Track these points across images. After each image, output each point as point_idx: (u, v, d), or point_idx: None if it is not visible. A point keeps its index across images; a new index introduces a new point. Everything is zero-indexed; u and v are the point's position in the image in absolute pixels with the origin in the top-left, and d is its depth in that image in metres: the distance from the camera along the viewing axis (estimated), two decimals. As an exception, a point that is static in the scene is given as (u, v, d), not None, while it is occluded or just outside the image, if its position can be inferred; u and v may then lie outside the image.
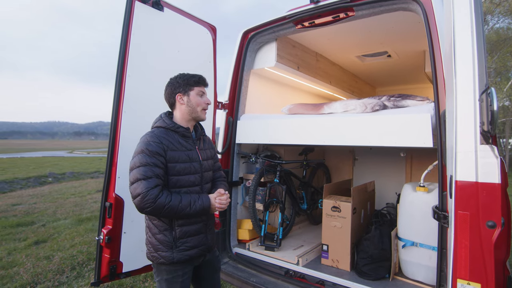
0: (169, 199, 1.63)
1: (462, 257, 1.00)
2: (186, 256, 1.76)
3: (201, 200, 1.74)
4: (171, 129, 1.79)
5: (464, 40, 1.04)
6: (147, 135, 1.74)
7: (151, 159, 1.65)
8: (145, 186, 1.59)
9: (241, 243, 3.09)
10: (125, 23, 2.33)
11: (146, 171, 1.62)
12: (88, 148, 63.87)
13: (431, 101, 2.42)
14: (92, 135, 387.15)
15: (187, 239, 1.77)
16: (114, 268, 2.32)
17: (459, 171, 1.02)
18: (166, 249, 1.73)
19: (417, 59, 3.75)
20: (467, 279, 0.99)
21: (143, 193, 1.59)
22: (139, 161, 1.65)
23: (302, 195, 3.57)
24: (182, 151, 1.78)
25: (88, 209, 7.40)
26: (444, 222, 1.70)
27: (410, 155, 3.73)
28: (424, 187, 2.34)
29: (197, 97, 1.83)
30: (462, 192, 1.01)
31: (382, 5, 2.28)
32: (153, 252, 1.77)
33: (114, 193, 2.30)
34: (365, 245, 2.50)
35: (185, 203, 1.68)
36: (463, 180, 1.01)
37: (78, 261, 4.07)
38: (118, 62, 2.33)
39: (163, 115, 1.85)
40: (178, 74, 1.88)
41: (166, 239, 1.74)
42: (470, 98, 1.01)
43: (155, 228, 1.76)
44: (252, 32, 2.96)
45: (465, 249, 1.00)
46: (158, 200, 1.60)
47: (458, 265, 1.00)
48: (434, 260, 2.25)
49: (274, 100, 3.72)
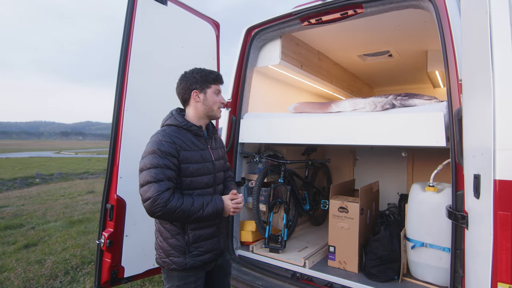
0: (180, 202, 1.55)
1: (503, 260, 0.96)
2: (199, 262, 1.67)
3: (214, 202, 1.66)
4: (184, 127, 1.69)
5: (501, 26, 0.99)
6: (158, 134, 1.64)
7: (163, 160, 1.55)
8: (156, 190, 1.50)
9: (244, 245, 3.01)
10: (127, 16, 2.24)
11: (157, 174, 1.53)
12: (76, 149, 62.65)
13: (439, 100, 2.40)
14: (79, 135, 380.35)
15: (200, 244, 1.68)
16: (116, 273, 2.22)
17: (500, 170, 0.97)
18: (179, 255, 1.65)
19: (419, 59, 3.75)
20: (509, 282, 0.95)
21: (153, 196, 1.50)
22: (150, 163, 1.55)
23: (304, 195, 3.52)
24: (195, 151, 1.69)
25: (79, 211, 7.20)
26: (462, 222, 1.66)
27: (412, 155, 3.72)
28: (433, 187, 2.31)
29: (213, 96, 1.76)
30: (504, 192, 0.96)
31: (392, 2, 2.24)
32: (164, 258, 1.67)
33: (116, 194, 2.21)
34: (374, 246, 2.46)
35: (197, 206, 1.59)
36: (505, 179, 0.97)
37: (71, 265, 3.92)
38: (120, 57, 2.23)
39: (174, 112, 1.76)
40: (194, 69, 1.78)
41: (179, 244, 1.65)
42: (510, 93, 0.97)
43: (167, 232, 1.66)
44: (256, 28, 2.89)
45: (506, 251, 0.95)
46: (169, 203, 1.51)
47: (499, 268, 0.96)
48: (444, 261, 2.22)
49: (276, 99, 3.66)
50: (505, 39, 1.00)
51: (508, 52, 0.99)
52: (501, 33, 1.00)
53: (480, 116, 1.26)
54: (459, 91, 1.86)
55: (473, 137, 1.44)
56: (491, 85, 1.01)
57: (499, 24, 1.00)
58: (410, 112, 2.15)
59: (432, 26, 2.82)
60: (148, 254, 2.42)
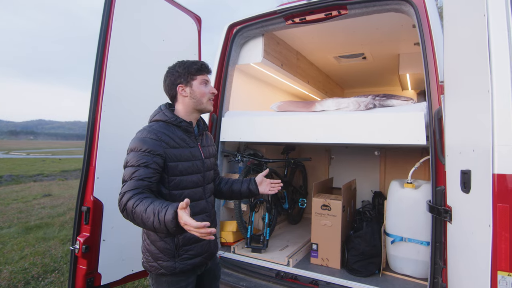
0: (136, 204, 1.32)
1: (502, 250, 1.01)
2: (189, 266, 1.58)
3: (165, 211, 1.26)
4: (173, 123, 1.60)
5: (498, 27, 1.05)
6: (144, 130, 1.54)
7: (143, 158, 1.45)
8: (125, 188, 1.40)
9: (225, 246, 2.95)
10: (105, 8, 2.09)
11: (133, 172, 1.43)
12: (27, 149, 57.97)
13: (415, 101, 2.52)
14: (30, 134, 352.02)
15: (190, 247, 1.59)
16: (92, 280, 2.07)
17: (498, 164, 1.03)
18: (168, 258, 1.55)
19: (391, 62, 3.93)
20: (508, 270, 1.00)
21: (120, 195, 1.40)
22: (129, 160, 1.46)
23: (283, 194, 3.53)
24: (184, 148, 1.60)
25: (36, 215, 6.64)
26: (445, 216, 1.75)
27: (384, 154, 3.88)
28: (412, 184, 2.42)
29: (201, 87, 1.67)
30: (502, 185, 1.02)
31: (375, 5, 2.31)
32: (151, 262, 1.57)
33: (93, 196, 2.05)
34: (356, 242, 2.52)
35: (149, 213, 1.29)
36: (502, 173, 1.02)
37: (32, 274, 3.60)
38: (97, 50, 2.08)
39: (163, 107, 1.66)
40: (177, 62, 1.69)
41: (168, 247, 1.55)
42: (508, 91, 1.03)
43: (155, 235, 1.56)
44: (238, 25, 2.85)
45: (505, 241, 1.01)
46: (128, 203, 1.35)
47: (498, 258, 1.01)
48: (422, 254, 2.34)
49: (255, 98, 3.63)
50: (503, 41, 1.06)
51: (505, 54, 1.05)
52: (500, 36, 1.06)
53: (470, 115, 1.33)
54: (438, 92, 1.96)
55: (460, 135, 1.52)
56: (490, 87, 1.06)
57: (497, 28, 1.06)
58: (392, 112, 2.23)
59: (406, 30, 2.97)
60: (126, 259, 2.28)
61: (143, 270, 2.35)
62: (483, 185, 1.15)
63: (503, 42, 1.06)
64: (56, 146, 74.80)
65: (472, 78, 1.31)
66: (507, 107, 1.04)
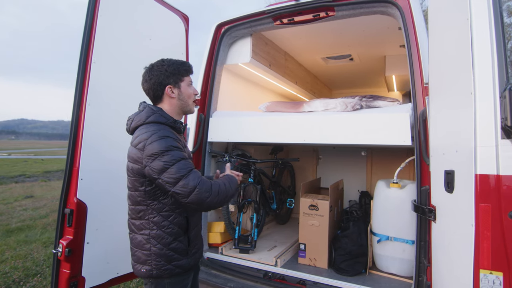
0: (217, 184, 1.54)
1: (484, 248, 1.04)
2: (196, 261, 1.66)
3: (227, 176, 1.68)
4: (170, 124, 1.57)
5: (481, 30, 1.08)
6: (158, 132, 1.47)
7: (182, 152, 1.49)
8: (194, 177, 1.43)
9: (212, 247, 2.93)
10: (90, 4, 2.04)
11: (186, 164, 1.46)
12: (8, 149, 56.15)
13: (400, 102, 2.57)
14: (12, 134, 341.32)
15: (195, 242, 1.66)
16: (75, 284, 2.01)
17: (480, 165, 1.05)
18: (182, 257, 1.56)
19: (377, 63, 3.98)
20: (490, 268, 1.03)
21: (198, 184, 1.42)
22: (172, 159, 1.42)
23: (272, 194, 3.53)
24: (184, 148, 1.62)
25: (17, 218, 6.44)
26: (429, 215, 1.78)
27: (371, 154, 3.94)
28: (397, 184, 2.46)
29: (188, 89, 1.65)
30: (484, 185, 1.04)
31: (362, 7, 2.34)
32: (164, 266, 1.51)
33: (76, 197, 2.00)
34: (343, 242, 2.55)
35: (226, 183, 1.59)
36: (484, 173, 1.05)
37: (13, 278, 3.49)
38: (81, 47, 2.03)
39: (156, 109, 1.58)
40: (163, 61, 1.63)
41: (182, 246, 1.56)
42: (490, 94, 1.05)
43: (169, 237, 1.51)
44: (226, 25, 2.83)
45: (487, 240, 1.03)
46: (213, 187, 1.49)
47: (481, 256, 1.03)
48: (407, 253, 2.37)
49: (243, 98, 3.62)
50: (485, 44, 1.08)
51: (487, 57, 1.08)
52: (482, 39, 1.08)
53: (453, 116, 1.36)
54: (423, 93, 2.00)
55: (444, 135, 1.55)
56: (472, 89, 1.09)
57: (480, 32, 1.08)
58: (379, 113, 2.26)
59: (392, 32, 3.02)
60: (111, 262, 2.23)
61: (129, 272, 2.31)
62: (466, 185, 1.18)
63: (485, 46, 1.08)
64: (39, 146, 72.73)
65: (456, 80, 1.33)
66: (489, 109, 1.07)
